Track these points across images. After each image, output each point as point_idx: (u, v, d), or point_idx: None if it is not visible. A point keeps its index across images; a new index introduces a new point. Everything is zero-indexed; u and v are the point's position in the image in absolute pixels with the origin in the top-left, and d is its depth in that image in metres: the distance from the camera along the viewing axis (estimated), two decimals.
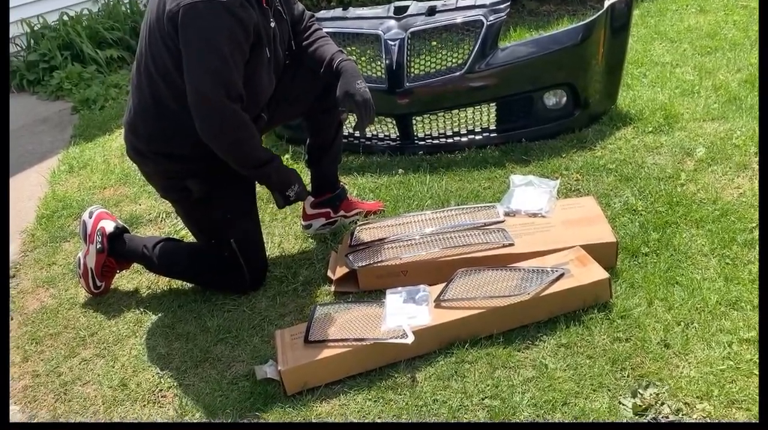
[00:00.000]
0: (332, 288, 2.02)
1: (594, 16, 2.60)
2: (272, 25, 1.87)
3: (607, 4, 2.60)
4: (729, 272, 1.86)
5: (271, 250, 2.27)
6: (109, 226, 2.14)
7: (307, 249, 2.28)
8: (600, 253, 1.87)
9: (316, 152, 2.25)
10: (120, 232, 2.16)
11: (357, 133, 2.89)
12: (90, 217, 2.17)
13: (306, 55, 2.06)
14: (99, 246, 2.12)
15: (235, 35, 1.71)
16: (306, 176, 2.35)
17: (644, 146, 2.60)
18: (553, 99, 2.75)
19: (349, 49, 2.79)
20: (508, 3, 2.62)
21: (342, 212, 2.31)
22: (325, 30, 2.79)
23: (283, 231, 2.38)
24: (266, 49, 1.84)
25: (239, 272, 2.02)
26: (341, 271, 2.00)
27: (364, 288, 1.98)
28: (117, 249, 2.14)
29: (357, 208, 2.36)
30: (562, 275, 1.76)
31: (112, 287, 2.22)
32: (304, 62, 2.08)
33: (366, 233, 2.13)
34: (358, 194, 2.57)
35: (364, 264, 1.97)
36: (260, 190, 2.23)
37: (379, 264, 1.97)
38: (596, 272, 1.77)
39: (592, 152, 2.61)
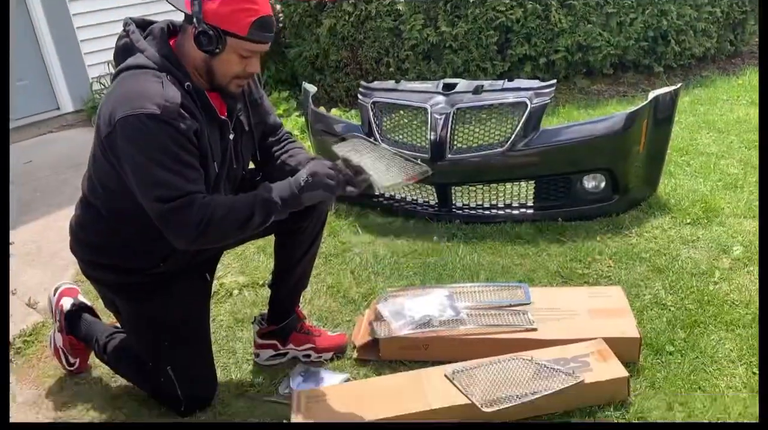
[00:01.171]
0: (355, 354, 2.07)
1: (638, 107, 2.65)
2: (231, 137, 1.73)
3: (651, 95, 2.65)
4: (756, 384, 1.83)
5: (303, 305, 2.32)
6: (66, 303, 2.07)
7: (337, 310, 2.33)
8: (622, 347, 1.87)
9: (278, 275, 2.04)
10: (78, 310, 2.08)
11: (387, 193, 2.96)
12: (54, 294, 2.14)
13: (276, 166, 1.88)
14: (58, 325, 2.08)
15: (176, 139, 1.54)
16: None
17: (680, 238, 2.60)
18: (592, 182, 2.78)
19: (396, 115, 2.91)
20: (553, 88, 2.70)
21: (291, 346, 2.08)
22: (375, 99, 2.94)
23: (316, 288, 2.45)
24: (214, 164, 1.67)
25: (175, 399, 1.86)
26: (364, 338, 2.05)
27: (385, 358, 2.02)
28: (74, 331, 2.06)
29: (309, 343, 2.07)
30: (579, 382, 1.74)
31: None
32: (273, 177, 1.82)
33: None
34: (393, 257, 2.62)
35: (386, 334, 2.01)
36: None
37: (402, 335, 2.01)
38: (615, 369, 1.77)
39: (627, 239, 2.62)
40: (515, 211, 2.85)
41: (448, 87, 2.83)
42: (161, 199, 1.54)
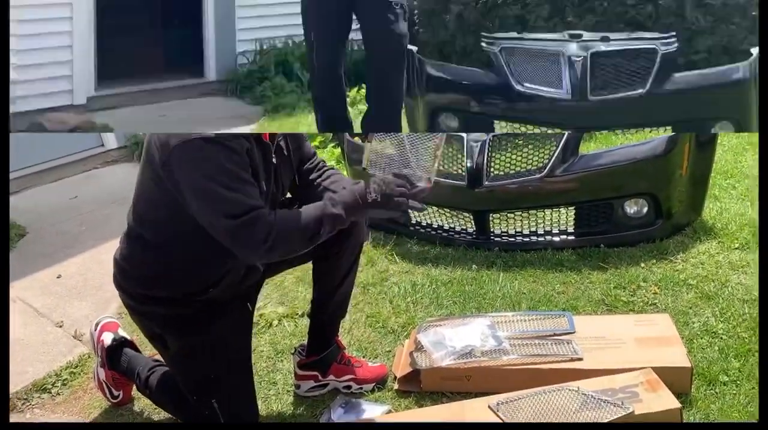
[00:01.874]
0: (396, 385, 2.04)
1: None
2: (274, 160, 1.79)
3: None
4: None
5: (342, 335, 2.30)
6: (107, 338, 2.11)
7: (376, 340, 2.32)
8: (673, 377, 1.81)
9: (316, 303, 2.05)
10: (119, 344, 2.11)
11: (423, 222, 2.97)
12: (95, 328, 2.17)
13: (316, 193, 1.88)
14: (99, 360, 2.12)
15: (231, 158, 1.60)
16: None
17: (729, 263, 2.51)
18: (634, 207, 2.73)
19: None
20: None
21: (332, 377, 2.08)
22: None
23: (355, 317, 2.45)
24: (263, 183, 1.72)
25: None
26: (405, 369, 2.03)
27: (426, 389, 1.99)
28: (115, 365, 2.09)
29: (349, 374, 2.07)
30: (629, 413, 1.68)
31: None
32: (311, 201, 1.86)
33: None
34: (431, 286, 2.60)
35: (427, 365, 1.98)
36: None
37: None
38: (667, 400, 1.71)
39: (672, 265, 2.55)
40: (555, 238, 2.80)
41: None
42: (229, 215, 1.58)
